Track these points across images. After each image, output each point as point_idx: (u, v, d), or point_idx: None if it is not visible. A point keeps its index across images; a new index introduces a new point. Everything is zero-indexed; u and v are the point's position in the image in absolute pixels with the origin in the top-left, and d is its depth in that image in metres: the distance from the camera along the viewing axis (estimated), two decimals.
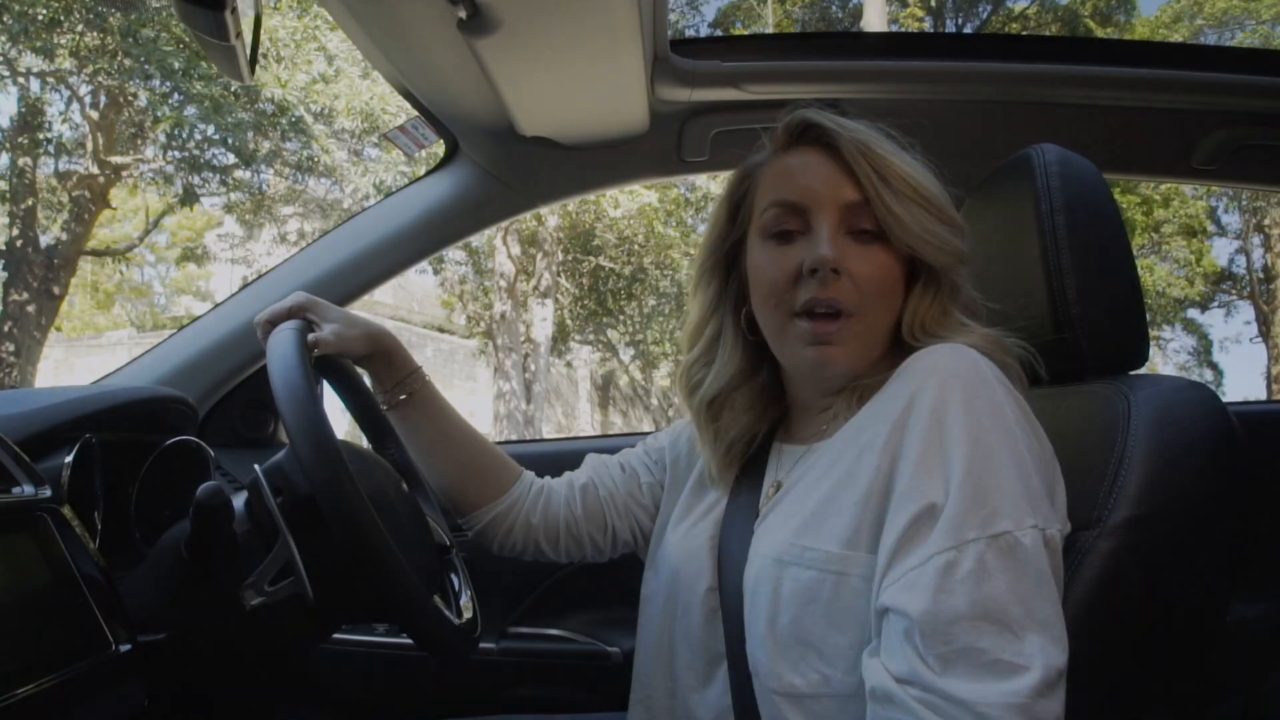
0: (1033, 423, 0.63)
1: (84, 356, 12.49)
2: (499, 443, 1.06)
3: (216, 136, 6.88)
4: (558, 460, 1.03)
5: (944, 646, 0.52)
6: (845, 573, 0.61)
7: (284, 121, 6.83)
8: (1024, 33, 12.00)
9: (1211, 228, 12.12)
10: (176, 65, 6.03)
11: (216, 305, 1.34)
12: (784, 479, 0.76)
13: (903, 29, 12.16)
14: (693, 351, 0.83)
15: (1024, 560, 0.54)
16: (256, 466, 0.73)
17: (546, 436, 10.80)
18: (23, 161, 7.03)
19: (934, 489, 0.57)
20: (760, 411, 0.82)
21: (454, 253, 9.29)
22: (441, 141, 1.28)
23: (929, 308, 0.71)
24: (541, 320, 9.17)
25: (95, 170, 7.28)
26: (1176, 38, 11.19)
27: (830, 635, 0.61)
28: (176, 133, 6.69)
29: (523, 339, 9.23)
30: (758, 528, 0.73)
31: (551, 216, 8.50)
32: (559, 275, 9.39)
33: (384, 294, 12.77)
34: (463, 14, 0.88)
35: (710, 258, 0.82)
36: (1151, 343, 0.86)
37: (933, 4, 12.89)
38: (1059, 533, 0.58)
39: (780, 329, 0.73)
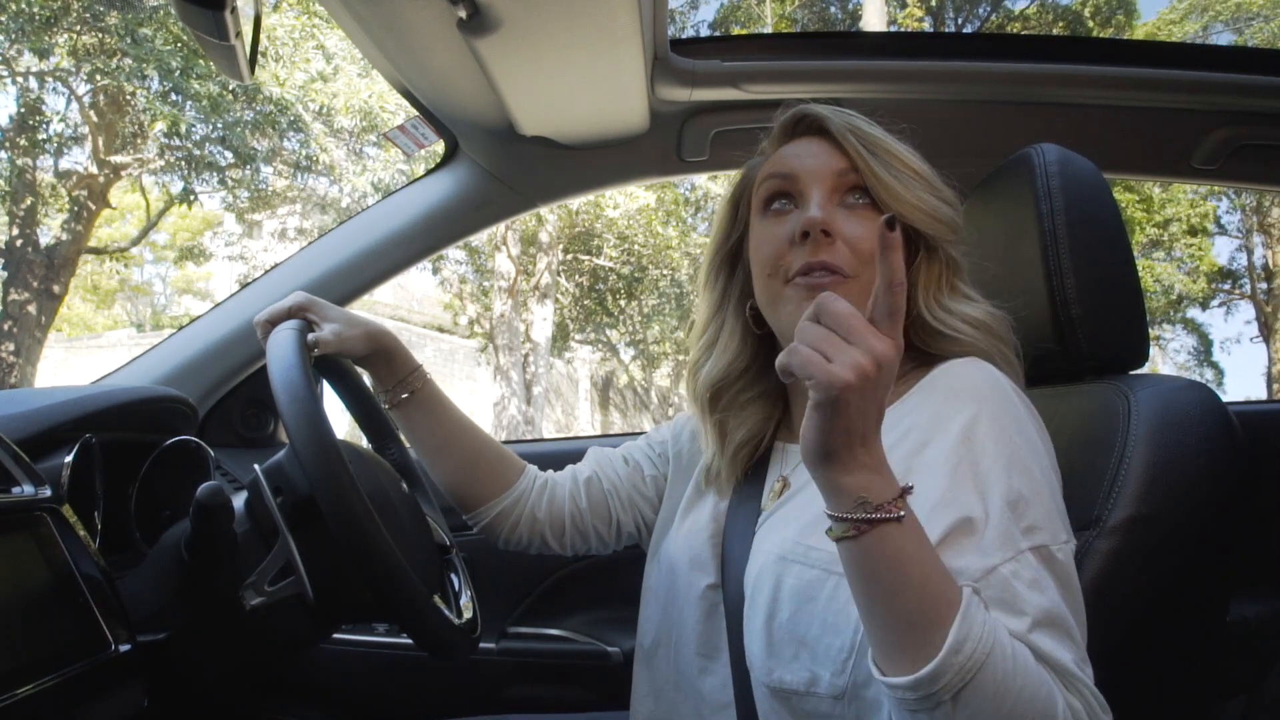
0: (1045, 434, 0.65)
1: (84, 356, 12.49)
2: (502, 441, 1.06)
3: (215, 135, 6.87)
4: (560, 459, 1.03)
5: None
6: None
7: (282, 120, 6.82)
8: (1024, 33, 11.98)
9: (1211, 227, 12.10)
10: (174, 64, 6.03)
11: (216, 305, 1.34)
12: (791, 476, 0.76)
13: (902, 29, 12.15)
14: (699, 345, 0.84)
15: (1060, 572, 0.57)
16: (256, 466, 0.73)
17: (548, 436, 10.79)
18: (23, 161, 7.02)
19: (971, 503, 0.58)
20: (765, 412, 0.82)
21: (454, 253, 9.28)
22: (441, 141, 1.28)
23: (936, 281, 0.72)
24: (541, 320, 9.16)
25: (95, 170, 7.27)
26: (1186, 34, 11.09)
27: (824, 636, 0.62)
28: (175, 131, 6.67)
29: (523, 339, 9.22)
30: (761, 525, 0.74)
31: (551, 216, 8.49)
32: (559, 275, 9.38)
33: (384, 294, 12.77)
34: (463, 14, 0.88)
35: (715, 256, 0.84)
36: (1151, 342, 0.86)
37: (932, 4, 12.88)
38: (1070, 544, 0.61)
39: (777, 298, 0.73)
